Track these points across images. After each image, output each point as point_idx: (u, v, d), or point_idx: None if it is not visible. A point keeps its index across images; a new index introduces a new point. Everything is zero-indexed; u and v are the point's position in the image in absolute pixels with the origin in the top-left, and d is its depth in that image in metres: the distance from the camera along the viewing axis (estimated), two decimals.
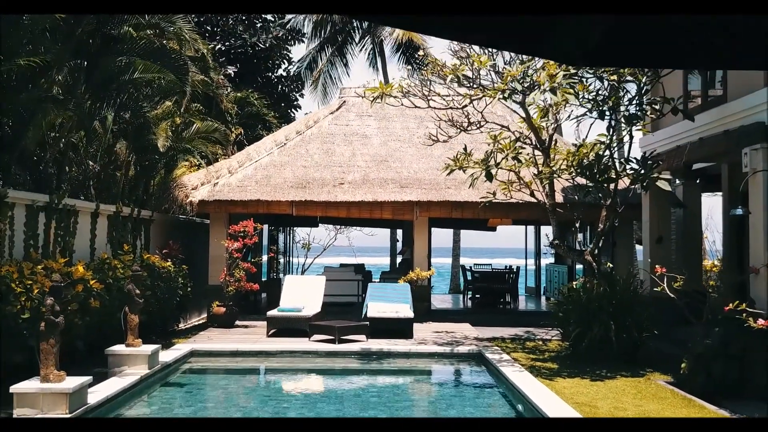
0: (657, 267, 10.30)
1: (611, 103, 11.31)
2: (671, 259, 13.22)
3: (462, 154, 12.22)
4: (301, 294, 14.76)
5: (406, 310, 13.92)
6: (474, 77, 11.45)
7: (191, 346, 11.99)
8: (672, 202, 12.89)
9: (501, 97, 10.98)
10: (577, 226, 13.27)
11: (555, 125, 12.44)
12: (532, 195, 12.79)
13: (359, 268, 21.58)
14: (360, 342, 12.73)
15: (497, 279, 20.85)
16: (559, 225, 13.01)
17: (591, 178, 11.66)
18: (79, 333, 9.78)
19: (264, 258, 19.71)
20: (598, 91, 11.50)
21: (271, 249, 21.20)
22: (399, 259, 25.16)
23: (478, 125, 12.53)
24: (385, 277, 20.42)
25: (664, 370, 10.61)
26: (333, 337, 12.60)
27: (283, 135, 18.25)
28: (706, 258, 16.25)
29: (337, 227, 23.59)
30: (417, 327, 14.07)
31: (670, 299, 10.13)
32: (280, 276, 21.92)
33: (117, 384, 8.73)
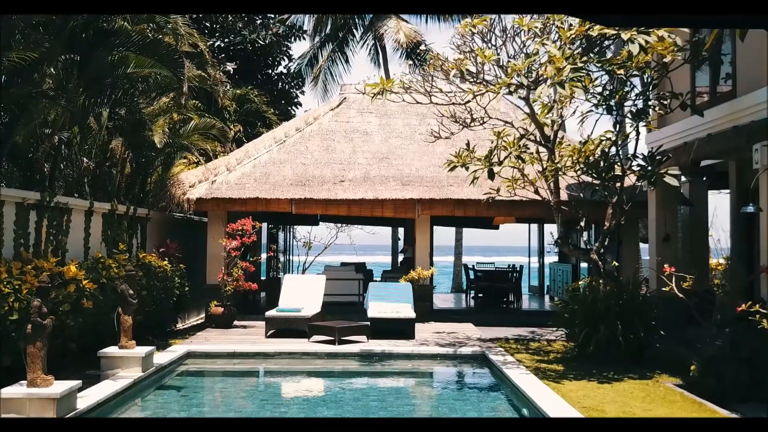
0: (666, 266, 10.03)
1: (618, 98, 11.05)
2: (678, 258, 12.94)
3: (464, 150, 11.94)
4: (301, 294, 14.49)
5: (407, 310, 13.66)
6: (477, 71, 11.16)
7: (187, 347, 11.72)
8: (680, 199, 12.63)
9: (505, 92, 10.70)
10: (583, 224, 12.99)
11: (560, 121, 12.15)
12: (536, 192, 12.52)
13: (360, 266, 21.29)
14: (361, 343, 12.46)
15: (500, 278, 20.56)
16: (564, 223, 12.74)
17: (597, 175, 11.40)
18: (72, 334, 9.52)
19: (263, 257, 19.42)
20: (605, 86, 11.23)
21: (271, 248, 20.92)
22: (401, 258, 24.88)
23: (481, 121, 12.24)
24: (387, 276, 20.16)
25: (672, 372, 10.35)
26: (333, 338, 12.34)
27: (283, 132, 17.96)
28: (711, 257, 15.97)
29: (338, 225, 23.29)
30: (419, 327, 13.79)
31: (677, 299, 9.86)
32: (279, 275, 21.63)
33: (109, 388, 8.46)
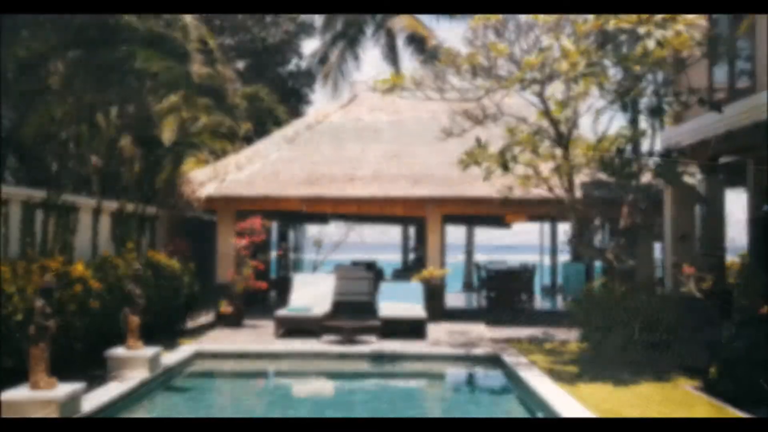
0: (685, 267, 9.78)
1: (633, 95, 10.80)
2: (694, 258, 12.68)
3: (477, 147, 11.72)
4: (311, 293, 14.35)
5: (418, 310, 13.46)
6: (490, 66, 10.94)
7: (196, 347, 11.57)
8: (698, 197, 12.38)
9: (519, 88, 10.48)
10: (597, 223, 12.75)
11: (575, 118, 11.92)
12: (550, 190, 12.28)
13: (371, 265, 21.09)
14: (371, 343, 12.27)
15: (513, 277, 20.28)
16: (578, 221, 12.50)
17: (612, 173, 11.16)
18: (78, 335, 9.36)
19: (273, 255, 19.27)
20: (620, 82, 10.99)
21: (281, 246, 20.76)
22: (411, 256, 24.66)
23: (494, 118, 12.02)
24: (398, 275, 19.95)
25: (690, 374, 10.09)
26: (344, 338, 12.15)
27: (293, 130, 17.82)
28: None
29: (349, 224, 23.09)
30: (431, 327, 13.59)
31: (694, 299, 9.61)
32: (290, 274, 21.47)
33: (114, 389, 8.30)
